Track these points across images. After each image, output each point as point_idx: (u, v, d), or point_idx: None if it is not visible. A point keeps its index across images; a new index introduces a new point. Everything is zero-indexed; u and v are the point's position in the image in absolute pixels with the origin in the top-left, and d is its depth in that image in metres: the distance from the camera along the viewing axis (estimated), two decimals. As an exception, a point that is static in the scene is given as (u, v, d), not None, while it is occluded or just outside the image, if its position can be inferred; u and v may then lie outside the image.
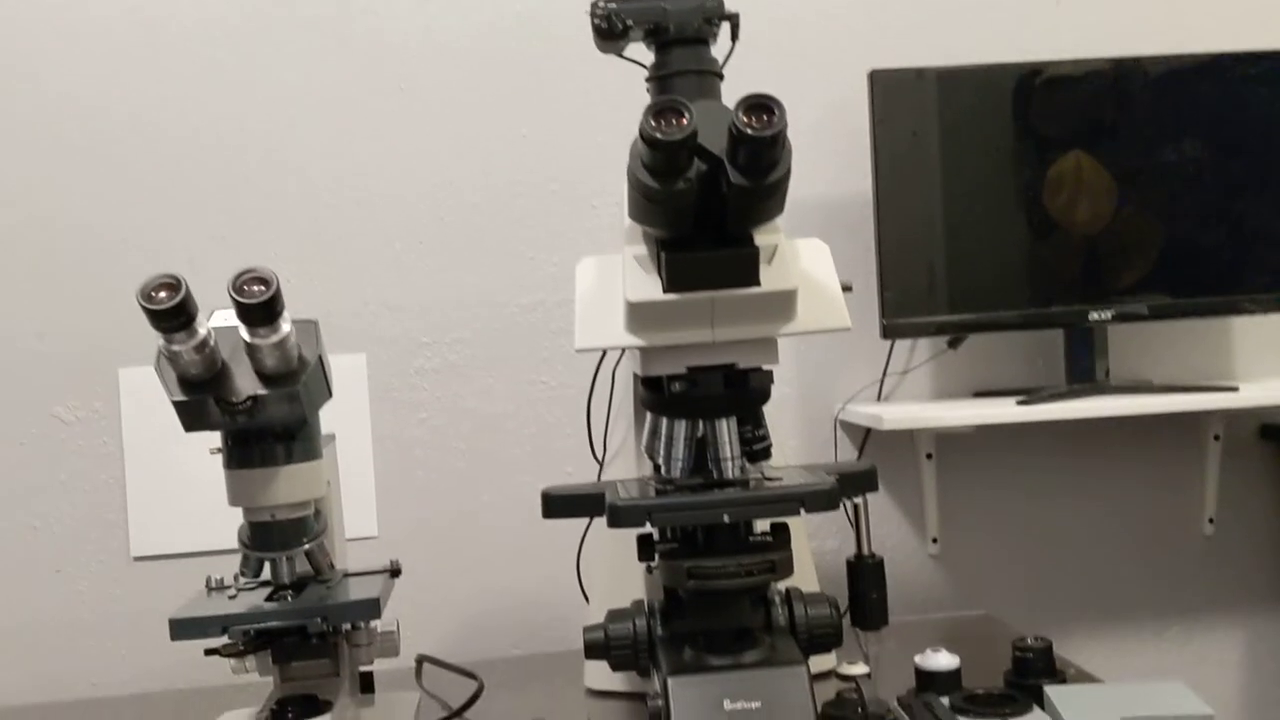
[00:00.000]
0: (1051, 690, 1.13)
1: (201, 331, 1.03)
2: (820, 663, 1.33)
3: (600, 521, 1.14)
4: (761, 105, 0.95)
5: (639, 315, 1.12)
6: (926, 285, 1.70)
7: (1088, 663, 1.81)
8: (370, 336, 1.74)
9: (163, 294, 0.99)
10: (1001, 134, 1.71)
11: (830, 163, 1.80)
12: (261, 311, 1.01)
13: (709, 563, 1.12)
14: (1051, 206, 1.70)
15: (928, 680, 1.21)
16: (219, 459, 1.15)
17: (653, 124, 0.95)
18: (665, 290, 1.09)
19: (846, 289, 1.18)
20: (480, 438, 1.76)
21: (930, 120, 1.69)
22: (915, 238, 1.69)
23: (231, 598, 1.19)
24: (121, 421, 1.69)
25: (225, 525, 1.19)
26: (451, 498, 1.75)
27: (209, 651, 1.19)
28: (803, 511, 1.11)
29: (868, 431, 1.80)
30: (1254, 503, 1.90)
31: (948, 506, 1.84)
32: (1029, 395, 1.65)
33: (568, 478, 1.75)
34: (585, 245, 1.75)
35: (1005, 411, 1.61)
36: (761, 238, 1.09)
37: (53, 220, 1.69)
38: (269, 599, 1.17)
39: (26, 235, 1.68)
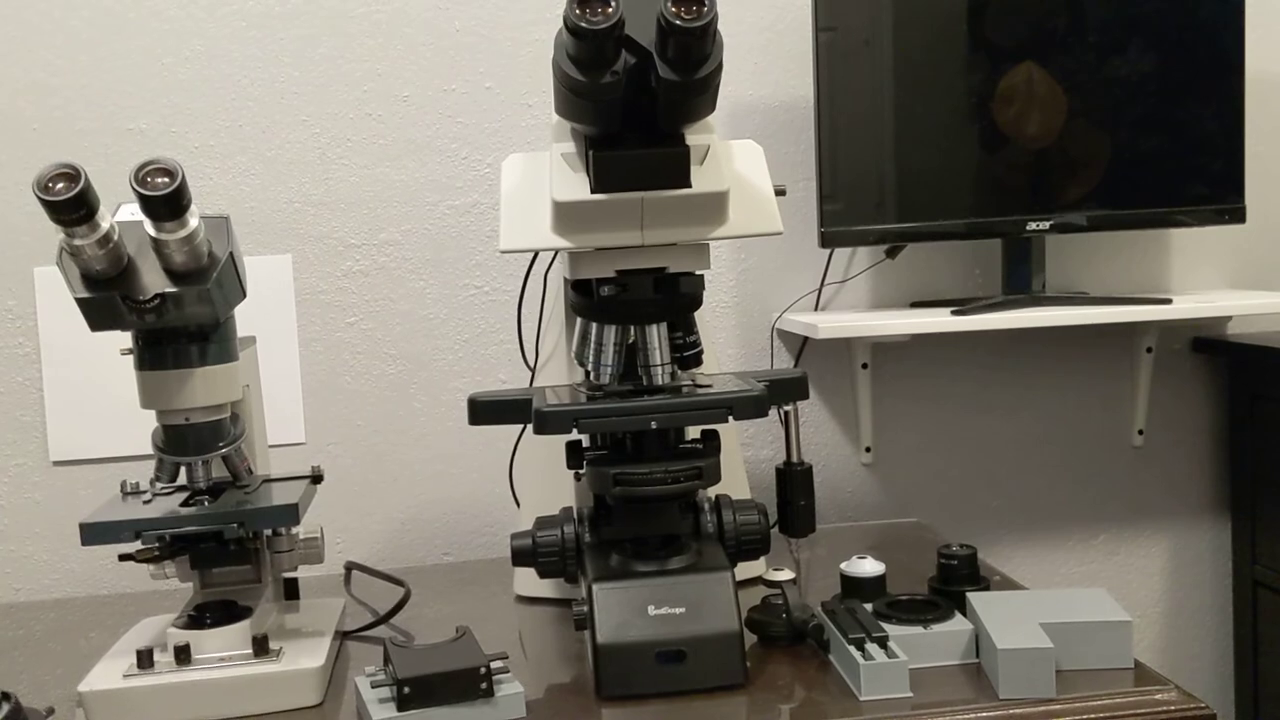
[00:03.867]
0: (974, 597, 1.14)
1: (104, 225, 0.98)
2: (748, 569, 1.33)
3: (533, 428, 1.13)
4: (691, -6, 0.91)
5: (566, 216, 1.09)
6: (867, 194, 1.67)
7: (1016, 570, 1.85)
8: (296, 235, 1.68)
9: (60, 185, 0.94)
10: (954, 43, 1.68)
11: (775, 64, 1.76)
12: (166, 204, 0.97)
13: (636, 469, 1.12)
14: (1001, 119, 1.68)
15: (853, 586, 1.22)
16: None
17: (577, 11, 0.91)
18: (593, 190, 1.06)
19: (780, 193, 1.16)
20: (411, 342, 1.72)
21: (883, 27, 1.64)
22: (857, 146, 1.66)
23: (146, 502, 1.16)
24: (38, 321, 1.64)
25: (148, 429, 1.16)
26: (382, 403, 1.72)
27: (123, 557, 1.17)
28: (731, 418, 1.10)
29: (804, 340, 1.79)
30: (1183, 415, 1.93)
31: (882, 415, 1.84)
32: (964, 305, 1.64)
33: (501, 384, 1.73)
34: (520, 146, 1.70)
35: (939, 321, 1.60)
36: (693, 137, 1.06)
37: (-42, 109, 1.61)
38: (185, 504, 1.15)
39: (-70, 125, 1.61)
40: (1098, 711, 1.01)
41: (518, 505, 1.59)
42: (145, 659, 1.08)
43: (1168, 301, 1.68)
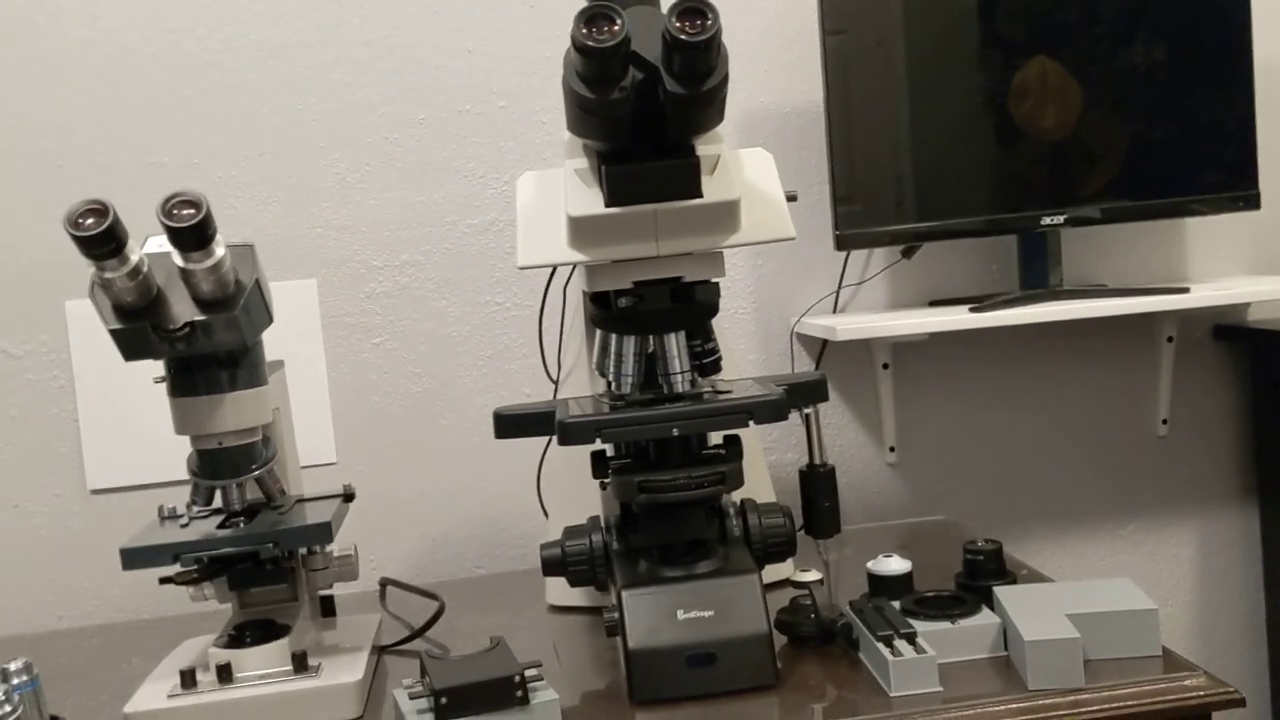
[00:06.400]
0: (1000, 591, 1.15)
1: (134, 258, 1.01)
2: (776, 571, 1.35)
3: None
4: (694, 10, 0.93)
5: (581, 230, 1.11)
6: (884, 195, 1.68)
7: (1046, 563, 1.86)
8: (320, 260, 1.71)
9: (90, 220, 0.97)
10: (966, 40, 1.69)
11: (786, 70, 1.78)
12: (192, 235, 1.00)
13: (659, 477, 1.13)
14: (1017, 113, 1.68)
15: (880, 584, 1.23)
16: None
17: (584, 30, 0.93)
18: (607, 204, 1.08)
19: (792, 199, 1.17)
20: (436, 360, 1.75)
21: (894, 26, 1.66)
22: (870, 147, 1.67)
23: (183, 526, 1.19)
24: (70, 354, 1.67)
25: (182, 455, 1.18)
26: (410, 421, 1.75)
27: (164, 580, 1.19)
28: (751, 423, 1.12)
29: (824, 343, 1.80)
30: (1206, 402, 1.93)
31: (905, 415, 1.85)
32: (981, 302, 1.65)
33: (526, 397, 1.75)
34: (535, 163, 1.73)
35: (957, 319, 1.61)
36: (703, 148, 1.08)
37: (-13, 150, 1.65)
38: (221, 526, 1.17)
39: (-39, 166, 1.65)
40: (1127, 699, 1.02)
41: (546, 516, 1.61)
42: (188, 679, 1.11)
43: (1186, 290, 1.68)
